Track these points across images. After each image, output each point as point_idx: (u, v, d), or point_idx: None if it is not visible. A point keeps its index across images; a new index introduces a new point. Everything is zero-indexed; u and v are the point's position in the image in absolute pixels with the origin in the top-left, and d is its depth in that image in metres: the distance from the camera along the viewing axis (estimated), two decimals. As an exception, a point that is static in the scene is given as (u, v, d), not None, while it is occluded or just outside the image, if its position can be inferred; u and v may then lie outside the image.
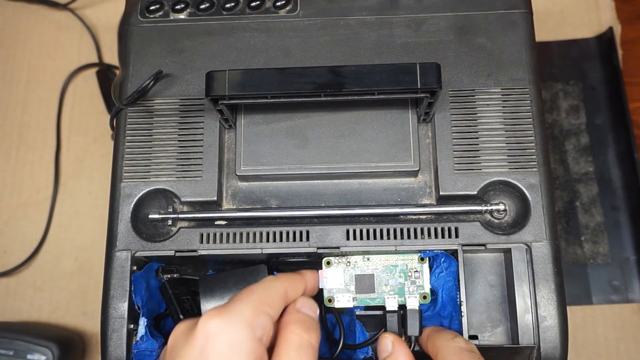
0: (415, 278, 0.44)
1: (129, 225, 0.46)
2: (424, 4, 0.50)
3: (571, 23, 0.75)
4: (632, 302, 0.65)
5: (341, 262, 0.45)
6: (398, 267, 0.44)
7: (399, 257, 0.44)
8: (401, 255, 0.44)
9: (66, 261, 0.69)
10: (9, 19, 0.78)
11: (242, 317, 0.35)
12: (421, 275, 0.44)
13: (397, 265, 0.44)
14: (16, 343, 0.61)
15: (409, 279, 0.44)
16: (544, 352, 0.43)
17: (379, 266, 0.45)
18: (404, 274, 0.44)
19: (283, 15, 0.51)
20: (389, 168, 0.46)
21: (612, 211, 0.68)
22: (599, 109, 0.71)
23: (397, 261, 0.44)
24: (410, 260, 0.44)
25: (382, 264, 0.45)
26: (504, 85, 0.48)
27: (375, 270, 0.44)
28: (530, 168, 0.46)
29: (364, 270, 0.44)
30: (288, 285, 0.39)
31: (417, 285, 0.44)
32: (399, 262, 0.44)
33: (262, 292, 0.37)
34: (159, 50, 0.50)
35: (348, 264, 0.45)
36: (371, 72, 0.42)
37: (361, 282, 0.44)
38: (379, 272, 0.44)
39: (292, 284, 0.40)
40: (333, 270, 0.45)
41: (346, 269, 0.45)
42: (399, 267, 0.44)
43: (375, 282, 0.44)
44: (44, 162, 0.73)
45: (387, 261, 0.45)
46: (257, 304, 0.36)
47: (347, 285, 0.44)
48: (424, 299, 0.44)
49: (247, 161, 0.47)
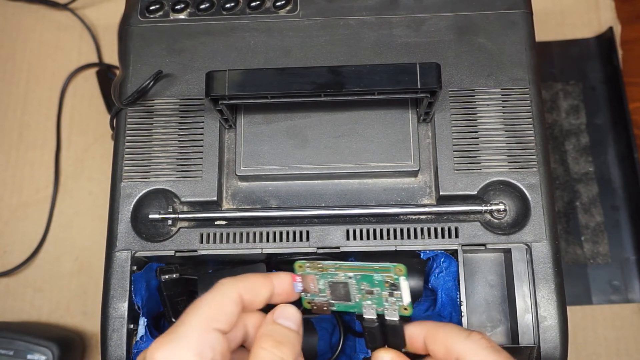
0: (393, 291, 0.38)
1: (129, 225, 0.46)
2: (424, 4, 0.50)
3: (571, 23, 0.75)
4: (632, 302, 0.65)
5: (314, 267, 0.39)
6: (374, 278, 0.38)
7: (375, 269, 0.38)
8: (376, 267, 0.38)
9: (66, 261, 0.69)
10: (9, 19, 0.78)
11: (187, 343, 0.33)
12: (399, 289, 0.38)
13: (372, 276, 0.38)
14: (16, 343, 0.61)
15: (386, 290, 0.38)
16: (544, 352, 0.43)
17: (352, 275, 0.38)
18: (381, 285, 0.38)
19: (283, 15, 0.51)
20: (389, 168, 0.46)
21: (612, 211, 0.68)
22: (599, 109, 0.71)
23: (372, 273, 0.38)
24: (387, 273, 0.37)
25: (356, 273, 0.38)
26: (504, 85, 0.48)
27: (350, 280, 0.38)
28: (530, 168, 0.46)
29: (338, 279, 0.39)
30: (244, 290, 0.36)
31: (395, 298, 0.38)
32: (375, 275, 0.38)
33: (208, 307, 0.35)
34: (159, 50, 0.50)
35: (321, 270, 0.39)
36: (371, 72, 0.42)
37: (336, 290, 0.39)
38: (354, 281, 0.38)
39: (249, 288, 0.36)
40: (306, 275, 0.39)
41: (319, 275, 0.39)
42: (375, 278, 0.38)
43: (350, 290, 0.39)
44: (44, 162, 0.73)
45: (361, 271, 0.38)
46: (203, 324, 0.34)
47: (323, 292, 0.40)
48: (405, 310, 0.38)
49: (247, 161, 0.47)
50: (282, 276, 0.39)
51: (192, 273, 0.48)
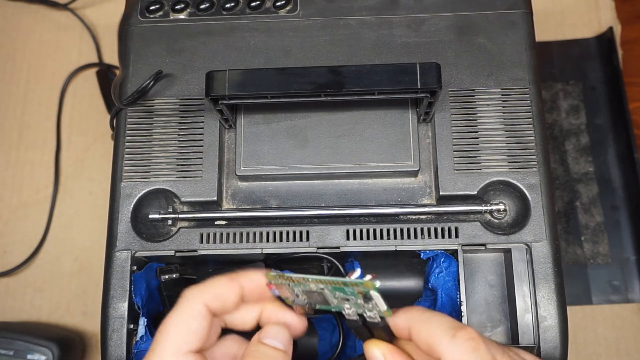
0: (368, 300, 0.35)
1: (129, 225, 0.46)
2: (424, 4, 0.50)
3: (571, 23, 0.75)
4: (632, 302, 0.65)
5: (282, 278, 0.36)
6: (346, 290, 0.35)
7: (345, 283, 0.34)
8: (347, 281, 0.34)
9: (66, 261, 0.69)
10: (9, 19, 0.78)
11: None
12: (373, 300, 0.34)
13: (344, 288, 0.35)
14: (16, 343, 0.61)
15: (361, 299, 0.35)
16: (544, 352, 0.43)
17: (324, 286, 0.36)
18: (354, 295, 0.35)
19: (283, 15, 0.51)
20: (389, 168, 0.46)
21: (612, 211, 0.68)
22: (599, 109, 0.71)
23: (343, 286, 0.35)
24: (357, 287, 0.34)
25: (327, 285, 0.35)
26: (504, 85, 0.48)
27: (323, 290, 0.36)
28: (530, 168, 0.46)
29: (311, 288, 0.36)
30: (209, 300, 0.35)
31: (372, 305, 0.35)
32: (346, 288, 0.35)
33: (175, 330, 0.34)
34: (159, 50, 0.50)
35: (290, 281, 0.36)
36: (371, 72, 0.42)
37: (312, 297, 0.37)
38: (327, 291, 0.36)
39: (215, 296, 0.35)
40: (279, 284, 0.37)
41: (292, 284, 0.36)
42: (347, 290, 0.35)
43: (326, 297, 0.36)
44: (44, 162, 0.73)
45: (331, 284, 0.35)
46: (174, 350, 0.34)
47: (300, 298, 0.37)
48: (385, 313, 0.35)
49: (247, 161, 0.47)
50: (251, 275, 0.37)
51: (192, 273, 0.48)
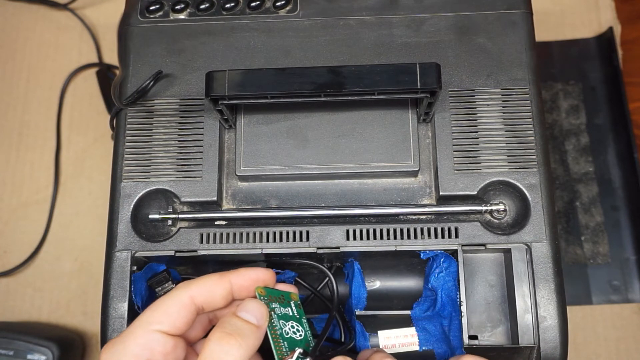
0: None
1: (129, 225, 0.46)
2: (424, 4, 0.50)
3: (571, 23, 0.75)
4: (632, 302, 0.65)
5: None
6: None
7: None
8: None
9: (66, 261, 0.69)
10: (9, 19, 0.78)
11: (126, 347, 0.35)
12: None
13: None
14: (16, 343, 0.61)
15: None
16: (544, 352, 0.43)
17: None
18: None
19: (283, 15, 0.51)
20: (389, 168, 0.46)
21: (612, 211, 0.68)
22: (599, 109, 0.71)
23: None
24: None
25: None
26: (504, 85, 0.48)
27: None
28: (530, 168, 0.46)
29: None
30: (197, 292, 0.37)
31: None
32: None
33: (151, 310, 0.36)
34: (159, 50, 0.50)
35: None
36: (371, 72, 0.42)
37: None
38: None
39: (203, 289, 0.37)
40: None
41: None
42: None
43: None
44: (44, 162, 0.73)
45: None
46: (143, 326, 0.36)
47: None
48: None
49: (247, 161, 0.47)
50: (242, 273, 0.39)
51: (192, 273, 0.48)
